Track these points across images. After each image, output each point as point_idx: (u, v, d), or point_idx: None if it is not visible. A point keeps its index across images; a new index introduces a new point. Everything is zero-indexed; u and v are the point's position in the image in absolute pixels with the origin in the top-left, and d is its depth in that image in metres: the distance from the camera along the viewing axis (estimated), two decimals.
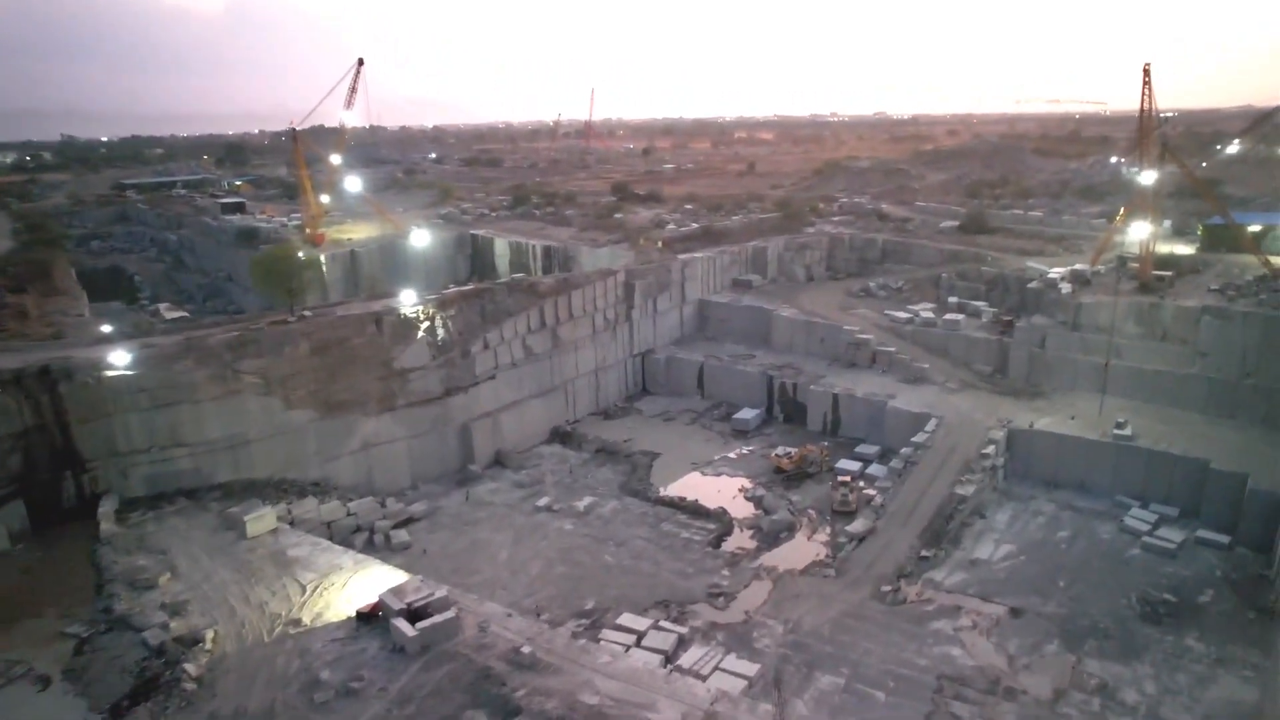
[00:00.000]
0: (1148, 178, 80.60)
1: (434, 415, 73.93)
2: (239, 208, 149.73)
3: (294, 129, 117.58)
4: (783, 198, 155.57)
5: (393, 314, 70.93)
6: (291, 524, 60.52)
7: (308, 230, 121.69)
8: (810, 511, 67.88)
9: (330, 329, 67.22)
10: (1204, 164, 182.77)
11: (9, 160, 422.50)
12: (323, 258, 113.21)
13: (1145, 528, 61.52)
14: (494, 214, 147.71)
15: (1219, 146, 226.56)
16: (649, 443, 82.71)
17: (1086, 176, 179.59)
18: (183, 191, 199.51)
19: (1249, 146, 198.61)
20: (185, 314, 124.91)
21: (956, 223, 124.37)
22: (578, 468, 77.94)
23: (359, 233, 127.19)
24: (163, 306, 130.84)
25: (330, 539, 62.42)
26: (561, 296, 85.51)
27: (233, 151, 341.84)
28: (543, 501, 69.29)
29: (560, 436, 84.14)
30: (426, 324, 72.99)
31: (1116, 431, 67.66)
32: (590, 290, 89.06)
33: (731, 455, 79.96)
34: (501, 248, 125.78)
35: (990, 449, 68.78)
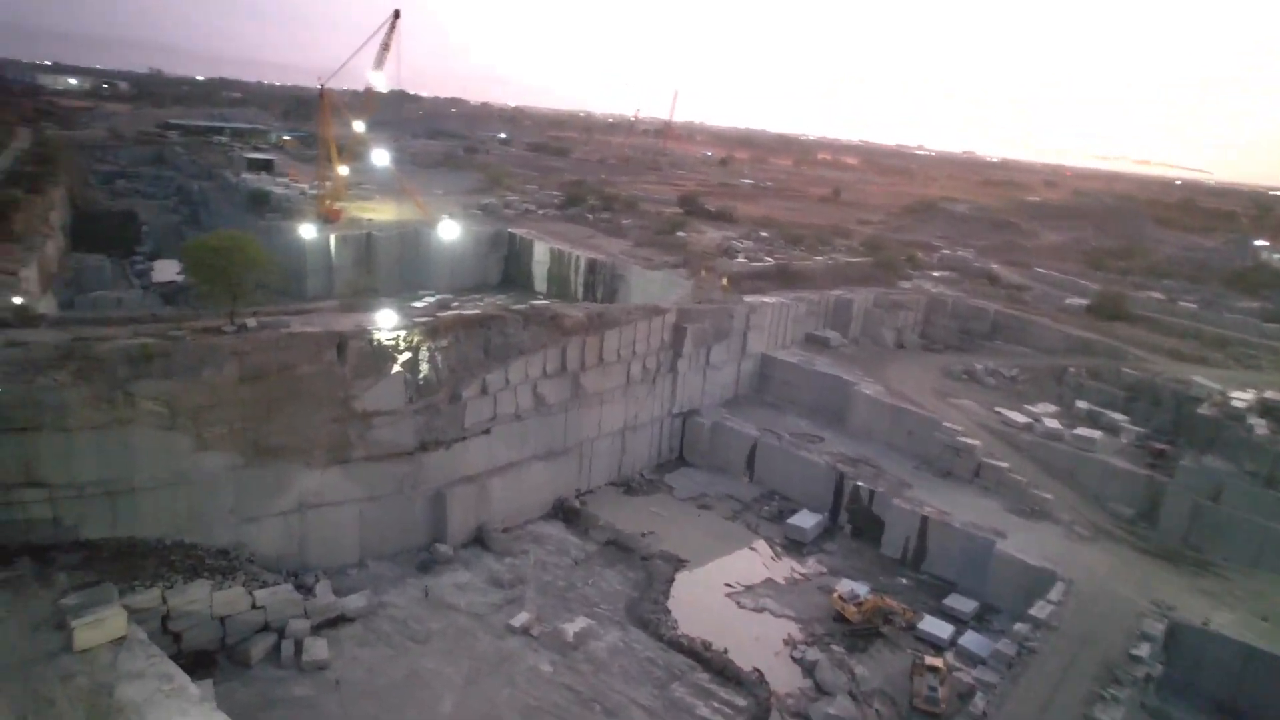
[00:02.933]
0: None
1: (401, 474, 56.60)
2: (265, 165, 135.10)
3: (321, 86, 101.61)
4: (872, 237, 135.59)
5: (362, 338, 53.64)
6: (166, 619, 43.92)
7: (327, 202, 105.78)
8: (880, 700, 48.78)
9: (272, 350, 50.16)
10: None
11: (86, 86, 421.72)
12: (333, 238, 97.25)
13: None
14: (541, 211, 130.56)
15: None
16: (675, 540, 64.36)
17: (1225, 258, 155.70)
18: (224, 139, 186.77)
19: None
20: (180, 278, 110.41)
21: (1085, 301, 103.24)
22: (579, 564, 59.95)
23: (383, 213, 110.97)
24: (158, 265, 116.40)
25: (222, 642, 45.95)
26: (593, 335, 67.57)
27: (301, 105, 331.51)
28: (520, 620, 51.33)
29: (565, 513, 66.22)
30: (407, 355, 55.61)
31: None
32: (630, 330, 70.99)
33: (779, 579, 61.11)
34: (541, 253, 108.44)
35: (1143, 649, 48.90)
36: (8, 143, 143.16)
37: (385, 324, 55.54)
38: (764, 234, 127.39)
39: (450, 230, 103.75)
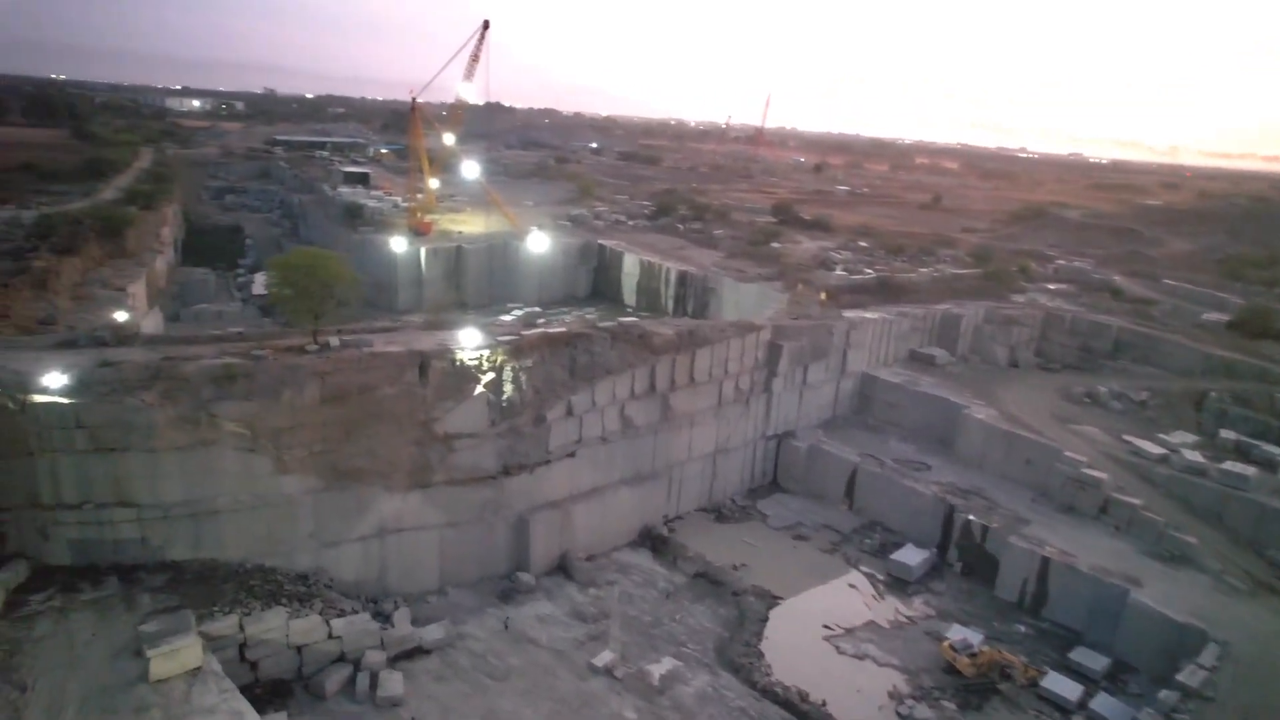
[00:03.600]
0: None
1: (483, 499, 54.67)
2: (361, 179, 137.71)
3: (413, 99, 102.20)
4: (979, 247, 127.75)
5: (444, 358, 51.96)
6: (243, 647, 42.85)
7: (418, 215, 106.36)
8: None
9: (353, 370, 48.96)
10: None
11: (207, 107, 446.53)
12: (423, 251, 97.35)
13: None
14: (632, 222, 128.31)
15: None
16: (769, 573, 60.39)
17: None
18: (325, 153, 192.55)
19: None
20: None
21: (1225, 316, 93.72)
22: (667, 597, 56.70)
23: (473, 225, 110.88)
24: (259, 277, 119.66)
25: (298, 671, 44.65)
26: (683, 354, 64.36)
27: (399, 118, 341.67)
28: (604, 659, 48.43)
29: (652, 541, 63.14)
30: (490, 375, 53.67)
31: None
32: (723, 349, 67.46)
33: (882, 622, 56.30)
34: (630, 265, 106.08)
35: None
36: (131, 162, 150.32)
37: (468, 343, 53.77)
38: (863, 244, 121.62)
39: (539, 242, 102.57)
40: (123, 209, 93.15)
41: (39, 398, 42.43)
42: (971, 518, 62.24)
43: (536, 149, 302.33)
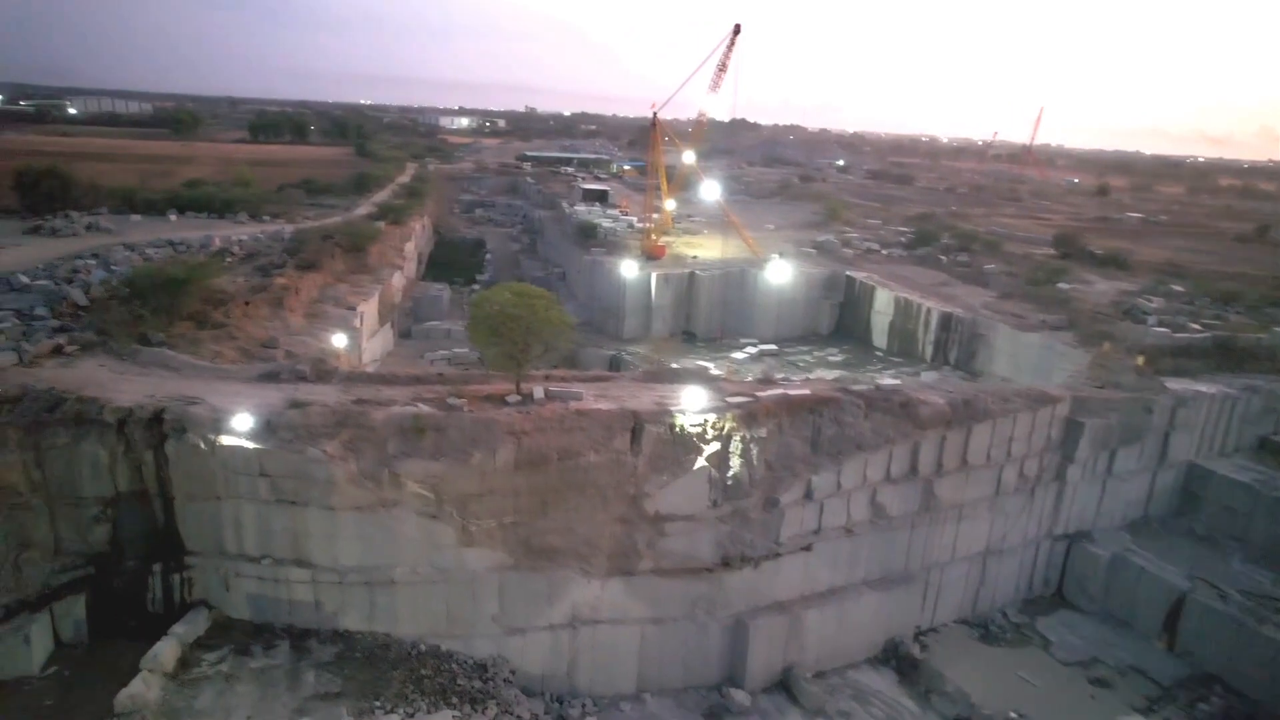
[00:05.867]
0: None
1: (695, 595, 45.26)
2: (600, 196, 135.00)
3: (654, 113, 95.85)
4: None
5: (661, 422, 43.12)
6: None
7: (653, 237, 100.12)
8: None
9: (555, 431, 41.47)
10: None
11: (473, 124, 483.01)
12: (654, 277, 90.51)
13: None
14: (885, 251, 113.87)
15: None
16: None
17: None
18: (570, 169, 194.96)
19: None
20: None
21: None
22: None
23: (708, 250, 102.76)
24: None
25: None
26: (955, 430, 51.09)
27: (644, 134, 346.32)
28: None
29: (899, 661, 50.42)
30: (715, 446, 44.13)
31: None
32: (1007, 425, 53.17)
33: None
34: (883, 302, 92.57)
35: None
36: (394, 177, 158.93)
37: (691, 404, 44.56)
38: (1177, 287, 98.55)
39: (780, 272, 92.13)
40: (369, 224, 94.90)
41: (227, 440, 38.82)
42: None
43: (780, 166, 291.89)
